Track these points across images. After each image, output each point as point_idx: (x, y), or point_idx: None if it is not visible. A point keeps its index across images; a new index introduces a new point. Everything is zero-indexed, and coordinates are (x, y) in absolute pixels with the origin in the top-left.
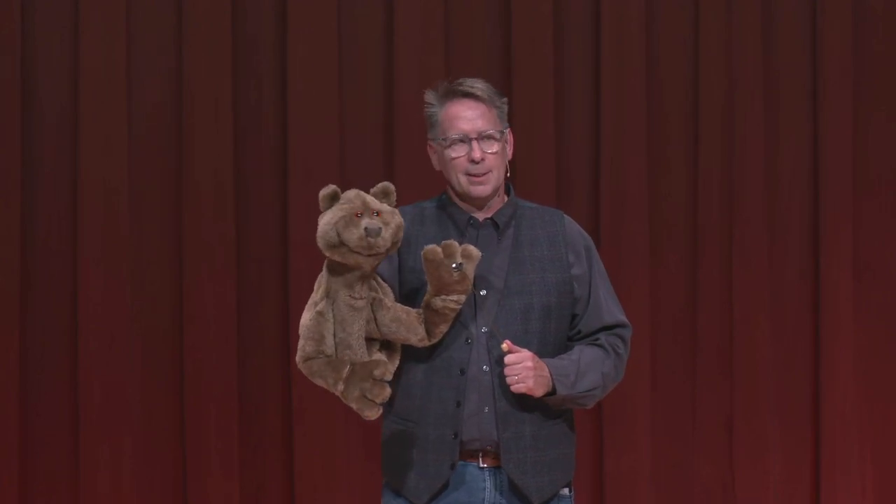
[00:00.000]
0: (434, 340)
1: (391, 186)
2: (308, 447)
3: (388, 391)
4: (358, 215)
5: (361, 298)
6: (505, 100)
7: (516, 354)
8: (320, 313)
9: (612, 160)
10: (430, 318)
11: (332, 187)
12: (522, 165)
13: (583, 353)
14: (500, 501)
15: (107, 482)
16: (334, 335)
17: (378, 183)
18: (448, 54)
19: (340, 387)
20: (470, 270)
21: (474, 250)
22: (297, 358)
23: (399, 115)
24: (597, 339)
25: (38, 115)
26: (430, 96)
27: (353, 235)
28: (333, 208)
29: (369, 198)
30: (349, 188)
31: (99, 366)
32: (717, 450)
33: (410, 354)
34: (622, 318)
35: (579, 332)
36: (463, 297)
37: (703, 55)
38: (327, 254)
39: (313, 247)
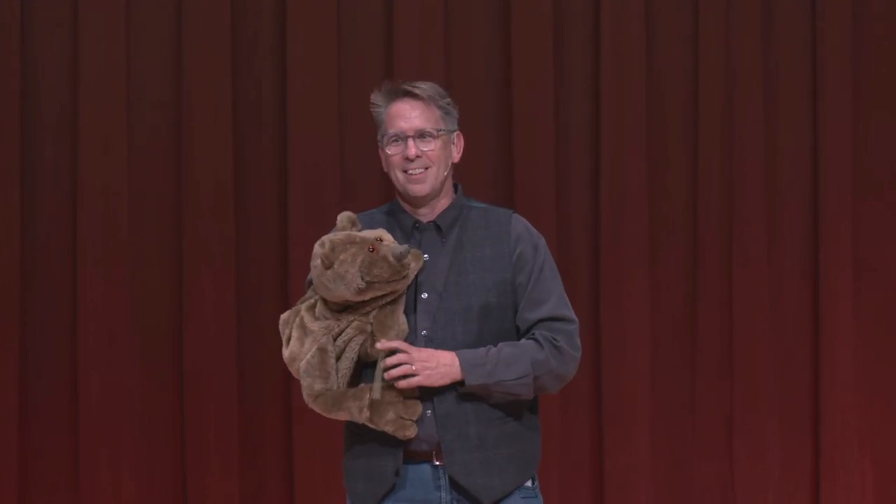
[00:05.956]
0: None
1: (354, 215)
2: (307, 447)
3: (420, 408)
4: (370, 250)
5: (370, 323)
6: (449, 101)
7: (395, 357)
8: (323, 350)
9: (612, 160)
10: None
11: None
12: (522, 166)
13: (506, 344)
14: (456, 498)
15: (106, 482)
16: (336, 370)
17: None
18: (448, 54)
19: (366, 413)
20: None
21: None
22: (306, 396)
23: None
24: (532, 334)
25: (38, 115)
26: (375, 97)
27: (384, 271)
28: (342, 258)
29: (354, 232)
30: (350, 189)
31: (98, 366)
32: (716, 449)
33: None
34: (565, 312)
35: (517, 327)
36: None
37: (703, 55)
38: (356, 299)
39: (313, 246)
